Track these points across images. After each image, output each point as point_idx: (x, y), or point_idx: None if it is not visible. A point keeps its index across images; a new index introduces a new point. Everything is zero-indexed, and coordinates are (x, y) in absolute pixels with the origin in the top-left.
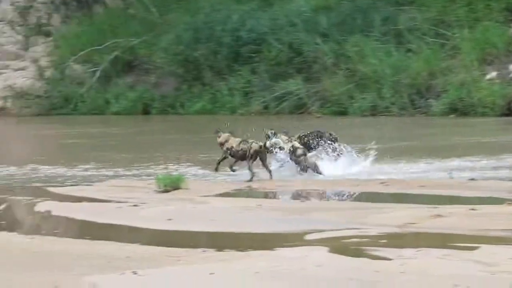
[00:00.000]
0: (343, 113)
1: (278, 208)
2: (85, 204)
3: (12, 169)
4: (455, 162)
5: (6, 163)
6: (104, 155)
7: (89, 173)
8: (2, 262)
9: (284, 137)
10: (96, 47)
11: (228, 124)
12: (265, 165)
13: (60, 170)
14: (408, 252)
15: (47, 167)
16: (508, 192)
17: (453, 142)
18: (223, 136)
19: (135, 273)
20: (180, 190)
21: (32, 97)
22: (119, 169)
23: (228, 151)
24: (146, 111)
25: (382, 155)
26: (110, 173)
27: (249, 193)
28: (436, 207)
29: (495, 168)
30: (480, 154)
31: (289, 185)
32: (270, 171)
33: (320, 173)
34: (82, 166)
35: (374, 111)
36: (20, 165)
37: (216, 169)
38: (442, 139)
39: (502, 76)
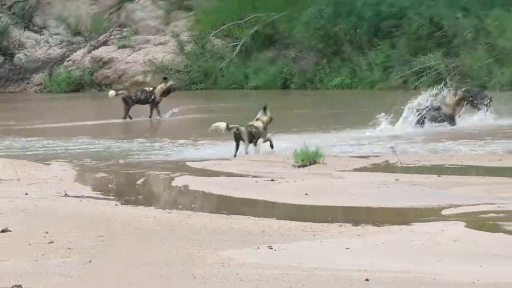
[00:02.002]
0: (482, 87)
1: (415, 182)
2: (222, 178)
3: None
4: None
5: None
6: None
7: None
8: (140, 235)
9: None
10: (236, 22)
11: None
12: None
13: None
14: None
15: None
16: None
17: None
18: None
19: (271, 248)
20: (317, 165)
21: (172, 71)
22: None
23: None
24: (285, 86)
25: None
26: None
27: (387, 168)
28: None
29: None
30: None
31: (427, 159)
32: None
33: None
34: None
35: None
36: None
37: None
38: None
39: None
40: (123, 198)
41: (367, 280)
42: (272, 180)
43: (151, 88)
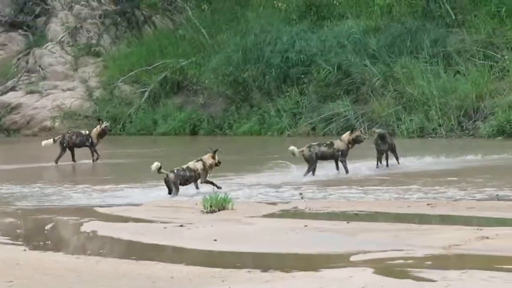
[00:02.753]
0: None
1: (324, 229)
2: (131, 224)
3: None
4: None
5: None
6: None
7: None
8: (48, 280)
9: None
10: (145, 68)
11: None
12: None
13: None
14: (453, 274)
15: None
16: None
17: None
18: None
19: None
20: (226, 211)
21: (80, 117)
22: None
23: None
24: (194, 132)
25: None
26: (154, 193)
27: (295, 214)
28: (482, 229)
29: None
30: None
31: (336, 205)
32: None
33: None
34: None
35: (421, 132)
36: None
37: None
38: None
39: None
40: (32, 243)
41: None
42: (181, 225)
43: (87, 132)
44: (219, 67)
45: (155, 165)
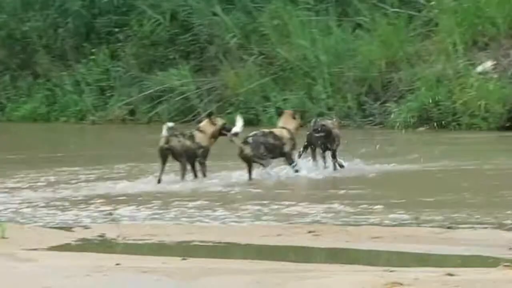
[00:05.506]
0: (252, 122)
1: (147, 269)
2: None
3: None
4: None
5: None
6: None
7: None
8: None
9: None
10: None
11: None
12: None
13: None
14: None
15: None
16: (508, 248)
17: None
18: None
19: None
20: None
21: None
22: None
23: None
24: None
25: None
26: None
27: (102, 245)
28: (394, 271)
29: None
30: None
31: (165, 232)
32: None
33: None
34: None
35: (302, 119)
36: None
37: None
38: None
39: (501, 68)
40: None
41: None
42: None
43: None
44: None
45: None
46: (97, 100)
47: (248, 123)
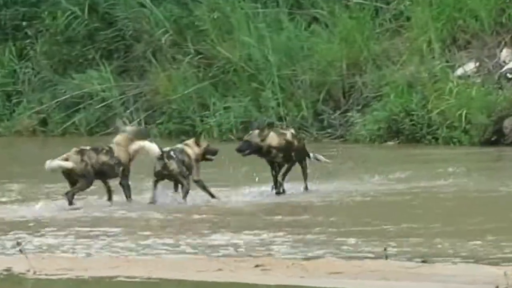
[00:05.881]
0: (188, 134)
1: None
2: None
3: None
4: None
5: None
6: None
7: None
8: None
9: None
10: None
11: None
12: None
13: None
14: None
15: None
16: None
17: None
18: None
19: None
20: None
21: None
22: None
23: None
24: None
25: None
26: None
27: (9, 282)
28: None
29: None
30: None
31: (84, 266)
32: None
33: None
34: None
35: (246, 131)
36: None
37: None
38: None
39: (485, 71)
40: None
41: None
42: None
43: None
44: None
45: None
46: (2, 107)
47: (183, 134)
